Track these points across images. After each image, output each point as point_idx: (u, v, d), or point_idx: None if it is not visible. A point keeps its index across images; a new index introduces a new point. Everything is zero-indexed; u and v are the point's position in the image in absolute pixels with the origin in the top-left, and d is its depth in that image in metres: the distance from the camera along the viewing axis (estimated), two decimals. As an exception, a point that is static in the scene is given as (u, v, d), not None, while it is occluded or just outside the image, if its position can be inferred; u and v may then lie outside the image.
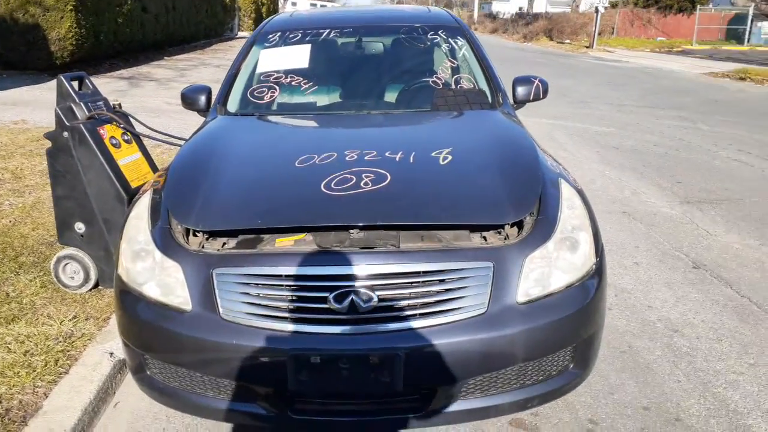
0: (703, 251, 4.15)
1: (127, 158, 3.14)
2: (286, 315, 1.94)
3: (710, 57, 22.55)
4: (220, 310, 1.97)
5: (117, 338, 2.73)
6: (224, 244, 2.14)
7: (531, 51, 24.29)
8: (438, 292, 1.97)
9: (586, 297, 2.11)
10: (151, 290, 2.09)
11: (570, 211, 2.24)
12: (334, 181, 2.23)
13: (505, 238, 2.12)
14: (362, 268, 1.95)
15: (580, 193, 2.39)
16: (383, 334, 1.93)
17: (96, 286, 3.23)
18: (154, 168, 3.29)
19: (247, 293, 1.97)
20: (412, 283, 1.96)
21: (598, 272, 2.18)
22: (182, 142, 3.05)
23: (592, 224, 2.26)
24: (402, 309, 1.94)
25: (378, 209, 2.11)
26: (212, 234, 2.15)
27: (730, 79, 15.81)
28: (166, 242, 2.12)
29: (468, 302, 1.97)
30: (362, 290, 1.92)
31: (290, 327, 1.94)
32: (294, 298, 1.95)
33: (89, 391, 2.38)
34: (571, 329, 2.09)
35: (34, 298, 3.14)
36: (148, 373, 2.18)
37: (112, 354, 2.63)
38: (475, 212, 2.14)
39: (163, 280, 2.07)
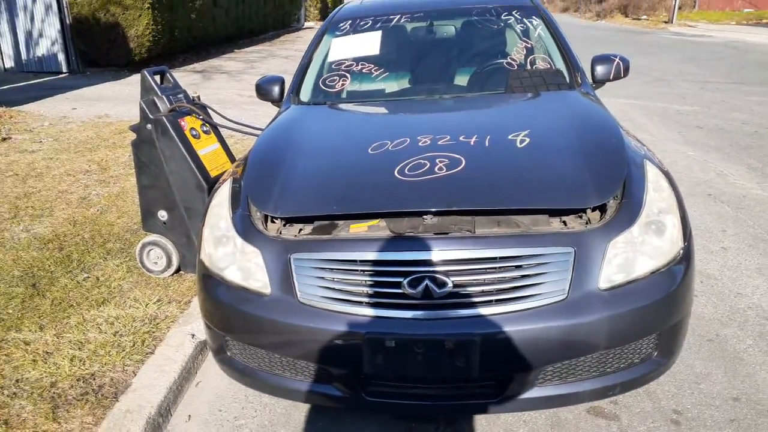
0: (798, 234, 3.88)
1: (207, 148, 3.24)
2: (362, 299, 1.96)
3: (804, 27, 20.90)
4: (298, 294, 2.01)
5: (198, 320, 2.84)
6: (301, 230, 2.17)
7: (605, 29, 23.32)
8: (515, 278, 1.93)
9: (672, 283, 2.02)
10: (232, 274, 2.15)
11: (656, 194, 2.14)
12: (407, 167, 2.22)
13: (587, 223, 2.05)
14: (436, 253, 1.93)
15: (667, 174, 2.28)
16: (458, 319, 1.91)
17: (178, 270, 3.37)
18: (231, 158, 3.39)
19: (323, 278, 2.00)
20: (487, 269, 1.93)
21: (685, 257, 2.08)
22: (258, 132, 3.12)
23: (680, 207, 2.16)
24: (477, 295, 1.91)
25: (452, 194, 2.08)
26: (289, 220, 2.19)
27: (828, 51, 14.62)
28: (246, 228, 2.18)
29: (547, 288, 1.92)
30: (437, 276, 1.91)
31: (365, 311, 1.95)
32: (369, 282, 1.96)
33: (173, 370, 2.50)
34: (655, 316, 2.00)
35: (121, 282, 3.31)
36: (228, 354, 2.26)
37: (193, 336, 2.74)
38: (555, 196, 2.08)
39: (244, 265, 2.13)
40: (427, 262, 1.93)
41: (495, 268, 1.93)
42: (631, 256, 1.99)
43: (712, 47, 16.42)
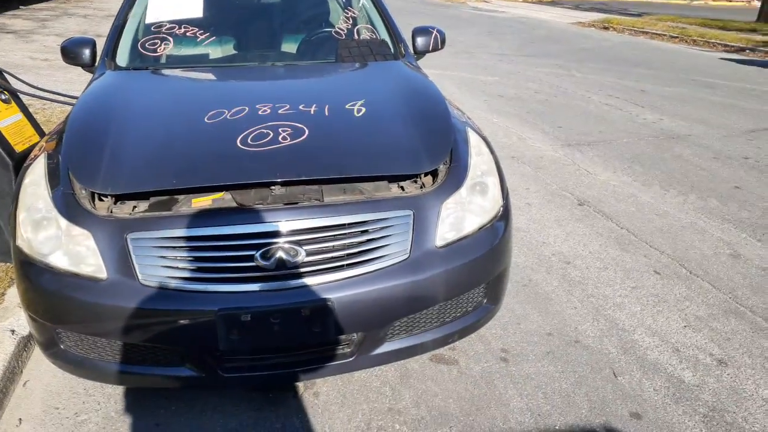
0: (586, 189, 4.53)
1: (8, 119, 2.86)
2: (212, 276, 1.92)
3: (577, 7, 23.84)
4: (139, 276, 1.90)
5: (17, 314, 2.56)
6: (134, 207, 2.05)
7: (411, 1, 24.38)
8: (363, 243, 2.02)
9: (495, 237, 2.26)
10: (59, 260, 1.97)
11: (478, 158, 2.36)
12: (250, 137, 2.19)
13: (421, 187, 2.20)
14: (287, 223, 1.95)
15: (485, 140, 2.52)
16: (312, 287, 1.96)
17: (-18, 261, 2.97)
18: (39, 130, 3.03)
19: (167, 257, 1.92)
20: (337, 235, 2.00)
21: (505, 213, 2.34)
22: (70, 100, 2.83)
23: (498, 169, 2.41)
24: (329, 261, 1.98)
25: (300, 164, 2.10)
26: (122, 197, 2.05)
27: (596, 29, 16.89)
28: (70, 208, 2.00)
29: (391, 250, 2.04)
30: (289, 246, 1.94)
31: (216, 287, 1.92)
32: (218, 258, 1.92)
33: (-6, 372, 2.23)
34: (484, 268, 2.24)
35: None
36: (62, 347, 2.08)
37: (13, 331, 2.46)
38: (394, 163, 2.20)
39: (72, 249, 1.96)
40: (279, 233, 1.94)
41: (344, 234, 2.01)
42: (460, 215, 2.19)
43: (505, 22, 18.04)
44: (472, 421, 2.18)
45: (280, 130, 2.23)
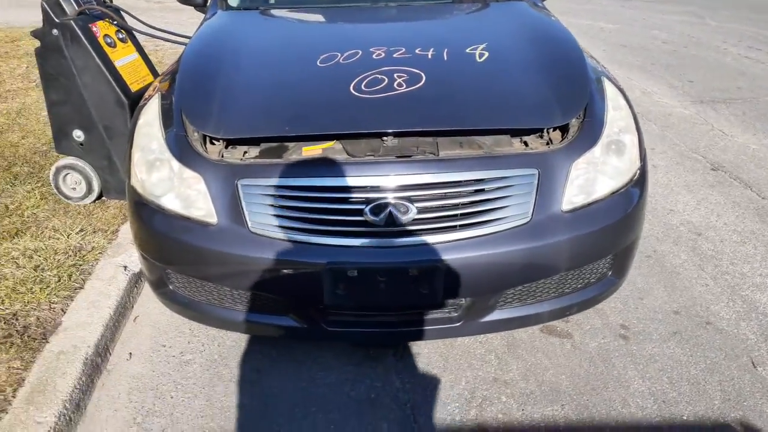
0: (720, 152, 4.06)
1: (124, 59, 2.89)
2: (320, 228, 1.83)
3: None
4: (249, 223, 1.85)
5: (129, 251, 2.63)
6: (245, 153, 1.98)
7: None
8: (480, 202, 1.85)
9: (629, 204, 2.01)
10: (171, 202, 1.95)
11: (616, 113, 2.10)
12: (364, 83, 2.05)
13: (548, 143, 1.98)
14: (400, 178, 1.81)
15: (623, 92, 2.24)
16: (423, 246, 1.83)
17: (100, 197, 3.08)
18: (153, 70, 3.05)
19: (277, 205, 1.84)
20: (452, 193, 1.83)
21: (641, 177, 2.08)
22: (183, 40, 2.80)
23: (637, 126, 2.13)
24: (442, 220, 1.83)
25: (415, 114, 1.94)
26: (233, 142, 1.99)
27: (735, -28, 15.14)
28: (183, 151, 1.96)
29: (511, 212, 1.86)
30: (400, 202, 1.80)
31: (325, 240, 1.83)
32: (328, 210, 1.83)
33: (108, 306, 2.30)
34: (613, 237, 2.00)
35: (35, 210, 2.99)
36: (170, 287, 2.09)
37: (126, 267, 2.53)
38: (521, 115, 1.98)
39: (184, 192, 1.93)
40: (390, 188, 1.81)
41: (459, 192, 1.84)
42: (592, 176, 1.95)
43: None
44: (587, 401, 2.00)
45: (395, 75, 2.07)
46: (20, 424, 1.78)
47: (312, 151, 1.95)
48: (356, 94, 2.00)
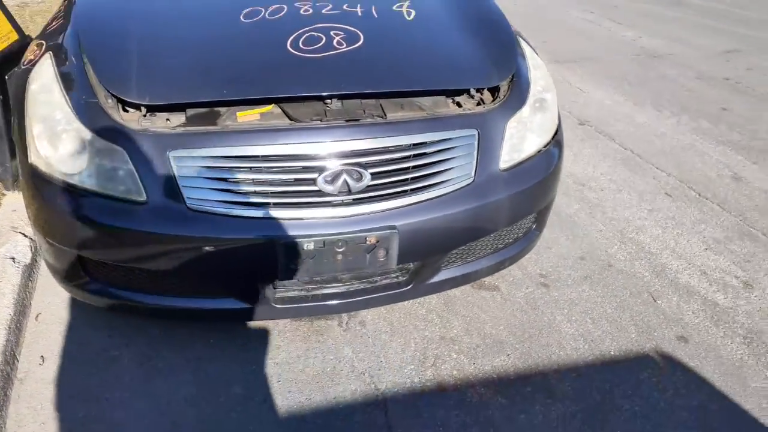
0: (583, 108, 4.44)
1: (-22, 13, 2.42)
2: (270, 201, 1.71)
3: None
4: (186, 199, 1.68)
5: (12, 240, 2.27)
6: (167, 120, 1.78)
7: None
8: (429, 165, 1.85)
9: (553, 159, 2.14)
10: (87, 180, 1.71)
11: (536, 71, 2.19)
12: (301, 40, 1.92)
13: (478, 103, 2.01)
14: (351, 143, 1.75)
15: (534, 50, 2.34)
16: (378, 213, 1.79)
17: (-46, 179, 2.60)
18: (17, 27, 2.59)
19: (219, 178, 1.69)
20: (402, 157, 1.81)
21: (560, 132, 2.21)
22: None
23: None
24: (394, 185, 1.80)
25: (361, 75, 1.88)
26: (158, 109, 1.76)
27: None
28: (96, 120, 1.71)
29: (456, 173, 1.89)
30: (353, 168, 1.74)
31: (276, 213, 1.72)
32: (277, 181, 1.71)
33: (4, 305, 1.98)
34: (542, 192, 2.13)
35: None
36: (87, 277, 1.85)
37: (14, 259, 2.18)
38: (463, 75, 2.00)
39: (102, 167, 1.70)
40: (343, 154, 1.74)
41: (409, 155, 1.82)
42: (522, 134, 2.03)
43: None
44: (528, 348, 2.14)
45: (332, 33, 1.97)
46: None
47: (248, 116, 1.80)
48: (295, 52, 1.88)
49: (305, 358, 2.03)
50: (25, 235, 2.31)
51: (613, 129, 4.11)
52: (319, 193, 1.73)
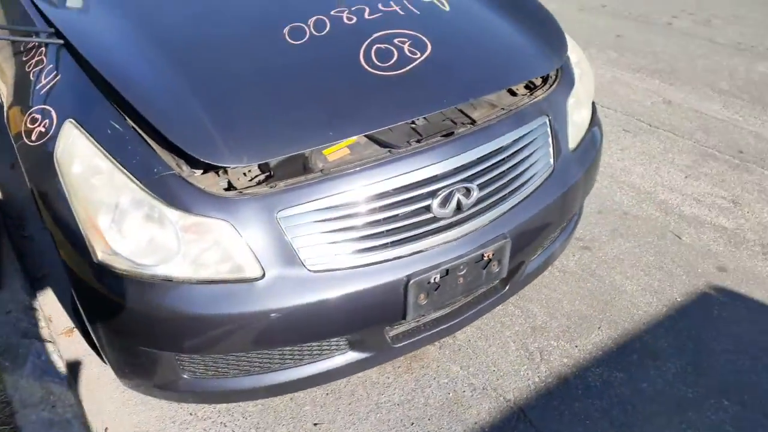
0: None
1: None
2: (389, 239, 1.57)
3: None
4: (304, 261, 1.47)
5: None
6: (252, 178, 1.54)
7: None
8: (521, 162, 1.79)
9: (599, 128, 2.16)
10: (181, 269, 1.44)
11: (569, 44, 2.16)
12: (372, 56, 1.71)
13: (534, 88, 1.97)
14: (455, 159, 1.63)
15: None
16: (489, 225, 1.71)
17: None
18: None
19: (334, 230, 1.50)
20: (499, 161, 1.73)
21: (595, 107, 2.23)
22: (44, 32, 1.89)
23: None
24: (497, 191, 1.72)
25: (449, 85, 1.73)
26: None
27: None
28: (180, 194, 1.43)
29: (541, 164, 1.86)
30: (462, 185, 1.62)
31: (398, 251, 1.58)
32: (393, 216, 1.55)
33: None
34: (597, 165, 2.15)
35: None
36: (185, 376, 1.59)
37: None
38: (529, 64, 1.91)
39: (202, 248, 1.43)
40: (450, 172, 1.62)
41: (503, 158, 1.74)
42: (576, 109, 2.03)
43: None
44: (611, 316, 2.19)
45: (396, 41, 1.79)
46: None
47: (338, 153, 1.60)
48: (373, 71, 1.68)
49: (420, 389, 1.92)
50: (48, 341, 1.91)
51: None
52: (434, 219, 1.60)
